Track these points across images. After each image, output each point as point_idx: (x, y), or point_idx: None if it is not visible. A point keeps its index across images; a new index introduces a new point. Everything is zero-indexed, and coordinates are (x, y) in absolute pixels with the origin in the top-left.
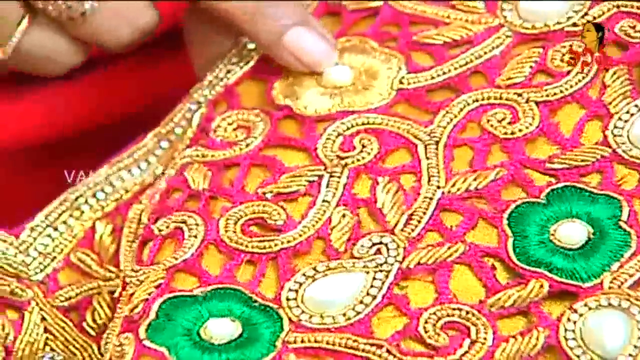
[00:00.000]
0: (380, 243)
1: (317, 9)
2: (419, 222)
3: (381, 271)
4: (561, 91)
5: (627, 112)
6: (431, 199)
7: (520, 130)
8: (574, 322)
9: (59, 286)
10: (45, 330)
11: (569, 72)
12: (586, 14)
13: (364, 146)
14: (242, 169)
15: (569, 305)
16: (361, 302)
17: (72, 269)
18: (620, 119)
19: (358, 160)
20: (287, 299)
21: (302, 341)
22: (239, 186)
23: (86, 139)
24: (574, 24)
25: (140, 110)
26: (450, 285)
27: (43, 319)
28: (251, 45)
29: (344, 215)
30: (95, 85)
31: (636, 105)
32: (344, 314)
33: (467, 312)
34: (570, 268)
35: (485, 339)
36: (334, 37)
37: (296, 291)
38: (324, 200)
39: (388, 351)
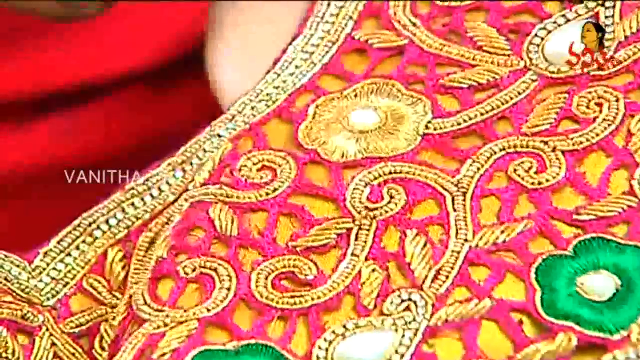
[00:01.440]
0: (409, 300)
1: (342, 45)
2: (447, 277)
3: (409, 329)
4: (587, 139)
5: None
6: (459, 252)
7: (547, 180)
8: None
9: (70, 312)
10: (55, 355)
11: (594, 119)
12: (612, 57)
13: (391, 197)
14: (271, 217)
15: (598, 358)
16: None
17: (84, 294)
18: None
19: (386, 211)
20: (317, 357)
21: None
22: (270, 238)
23: (99, 165)
24: (600, 68)
25: (154, 137)
26: (478, 341)
27: (53, 344)
28: (277, 83)
29: (373, 270)
30: (106, 113)
31: None
32: None
33: None
34: (598, 320)
35: None
36: (360, 77)
37: (326, 349)
38: (352, 254)
39: None
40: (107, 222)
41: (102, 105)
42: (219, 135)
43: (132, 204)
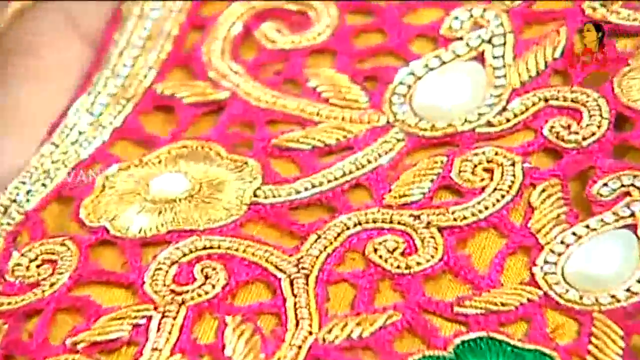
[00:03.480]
0: None
1: (141, 103)
2: None
3: None
4: (473, 214)
5: (562, 242)
6: (300, 347)
7: (418, 264)
8: None
9: None
10: None
11: (483, 189)
12: (504, 108)
13: (207, 277)
14: (44, 315)
15: None
16: None
17: None
18: (552, 251)
19: (199, 295)
20: None
21: None
22: (40, 338)
23: None
24: (489, 123)
25: None
26: None
27: None
28: (56, 156)
29: None
30: None
31: (574, 233)
32: None
33: None
34: None
35: None
36: (167, 140)
37: None
38: (153, 349)
39: None
40: None
41: None
42: None
43: None
